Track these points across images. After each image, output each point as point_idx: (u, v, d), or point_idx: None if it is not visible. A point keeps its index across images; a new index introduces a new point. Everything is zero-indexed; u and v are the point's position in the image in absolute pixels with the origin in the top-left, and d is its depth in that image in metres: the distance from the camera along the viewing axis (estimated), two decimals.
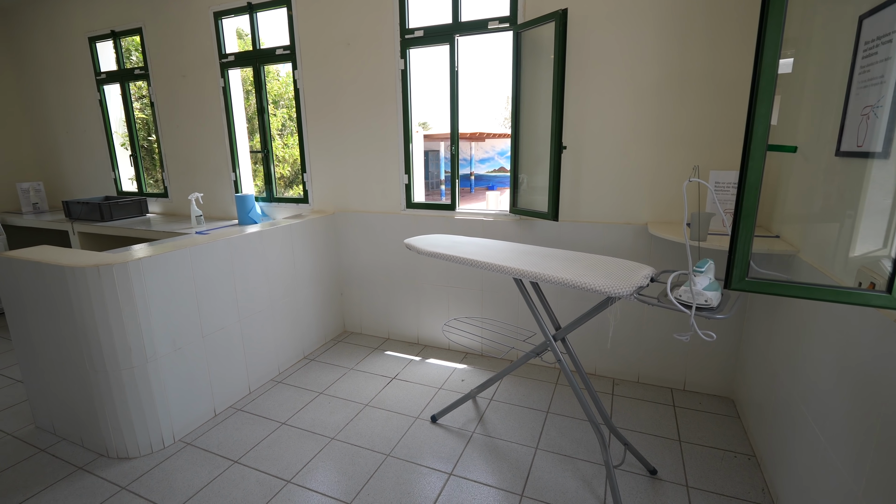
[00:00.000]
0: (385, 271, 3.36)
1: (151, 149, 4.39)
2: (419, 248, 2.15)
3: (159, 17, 3.73)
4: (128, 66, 4.10)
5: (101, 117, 4.32)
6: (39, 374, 2.37)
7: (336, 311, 3.55)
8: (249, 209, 3.46)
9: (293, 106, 4.47)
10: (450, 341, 3.27)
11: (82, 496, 2.02)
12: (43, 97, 4.65)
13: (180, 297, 2.34)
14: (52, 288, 2.11)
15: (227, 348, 2.64)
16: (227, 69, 3.58)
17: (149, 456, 2.26)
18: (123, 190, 4.49)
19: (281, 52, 3.36)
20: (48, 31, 4.37)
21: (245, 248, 2.71)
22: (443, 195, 10.91)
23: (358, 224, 3.37)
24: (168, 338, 2.29)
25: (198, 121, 3.80)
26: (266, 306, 2.88)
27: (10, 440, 2.42)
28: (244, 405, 2.67)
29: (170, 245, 2.43)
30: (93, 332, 2.08)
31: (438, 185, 11.49)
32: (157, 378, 2.26)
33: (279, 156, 4.69)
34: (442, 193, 11.11)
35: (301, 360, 3.21)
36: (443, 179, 11.56)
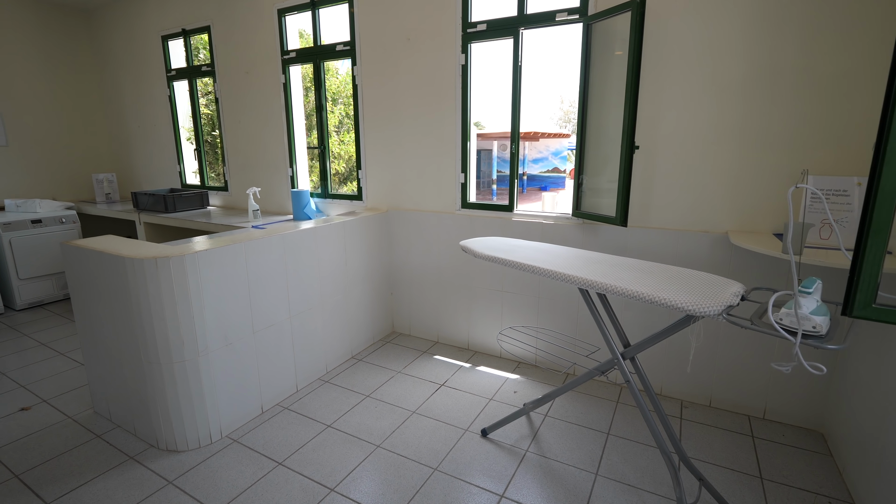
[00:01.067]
0: (437, 272, 3.26)
1: (214, 143, 4.53)
2: (476, 252, 2.01)
3: (226, 15, 3.81)
4: (196, 63, 4.24)
5: (169, 112, 4.49)
6: (99, 360, 2.43)
7: (385, 312, 3.48)
8: (304, 205, 3.45)
9: (350, 103, 4.42)
10: (502, 349, 3.11)
11: (131, 487, 2.03)
12: (119, 93, 4.91)
13: (233, 292, 2.33)
14: (112, 277, 2.15)
15: (277, 345, 2.62)
16: (288, 66, 3.60)
17: (196, 450, 2.26)
18: (187, 183, 4.65)
19: (341, 48, 3.33)
20: (126, 30, 4.59)
21: (298, 245, 2.68)
22: (494, 195, 10.68)
23: (411, 223, 3.28)
24: (220, 332, 2.28)
25: (258, 117, 3.85)
26: (317, 304, 2.84)
27: (70, 423, 2.50)
28: (291, 404, 2.64)
29: (225, 239, 2.43)
30: (148, 323, 2.09)
31: (489, 185, 11.28)
32: (208, 373, 2.26)
33: (335, 152, 4.71)
34: (493, 193, 10.88)
35: (349, 359, 3.16)
36: (494, 179, 11.33)
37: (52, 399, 2.74)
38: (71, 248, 2.31)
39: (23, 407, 2.66)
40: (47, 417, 2.55)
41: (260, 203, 3.97)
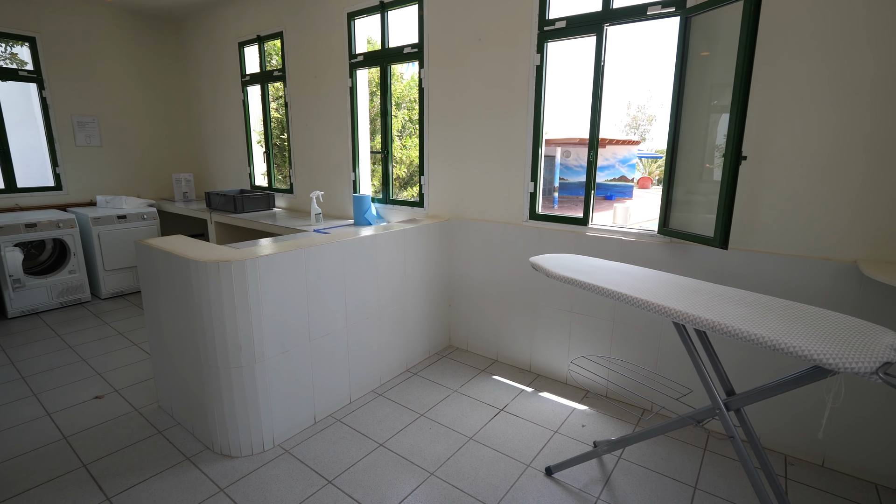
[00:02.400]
0: (499, 286, 3.06)
1: (283, 146, 4.62)
2: (549, 271, 1.80)
3: (298, 20, 3.85)
4: (268, 69, 4.33)
5: (242, 116, 4.63)
6: (163, 356, 2.46)
7: (443, 324, 3.33)
8: (365, 210, 3.39)
9: (414, 108, 4.34)
10: (568, 375, 2.85)
11: (185, 491, 2.00)
12: (199, 97, 5.16)
13: (291, 298, 2.27)
14: (177, 278, 2.15)
15: (333, 355, 2.54)
16: (355, 69, 3.56)
17: (249, 458, 2.21)
18: (256, 184, 4.77)
19: (409, 50, 3.23)
20: (208, 38, 4.81)
21: (357, 252, 2.59)
22: (555, 203, 10.25)
23: (474, 233, 3.11)
24: (277, 339, 2.23)
25: (324, 120, 3.85)
26: (374, 313, 2.74)
27: (136, 416, 2.55)
28: (344, 416, 2.55)
29: (285, 245, 2.38)
30: (209, 325, 2.07)
31: (551, 193, 10.86)
32: (263, 380, 2.20)
33: (397, 157, 4.65)
34: (555, 201, 10.45)
35: (404, 372, 3.03)
36: (556, 187, 10.89)
37: (122, 389, 2.83)
38: (143, 246, 2.36)
39: (97, 395, 2.77)
40: (117, 408, 2.63)
41: (322, 206, 3.97)
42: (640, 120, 20.30)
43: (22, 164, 4.38)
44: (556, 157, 11.25)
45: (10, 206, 4.31)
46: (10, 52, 4.67)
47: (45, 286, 4.06)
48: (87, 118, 4.64)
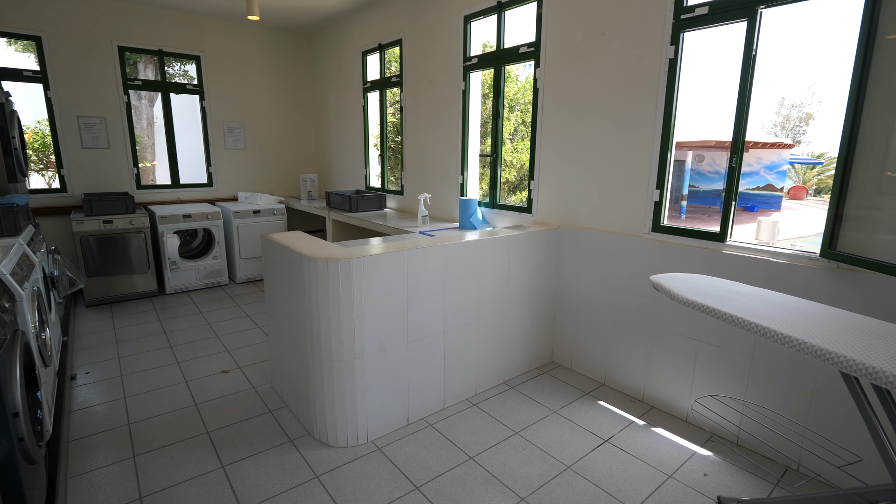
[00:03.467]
0: (611, 303, 2.79)
1: (397, 149, 4.78)
2: (674, 293, 1.55)
3: (417, 26, 3.95)
4: (387, 75, 4.52)
5: (361, 121, 4.90)
6: (278, 341, 2.65)
7: (545, 338, 3.14)
8: (471, 214, 3.34)
9: (527, 110, 4.18)
10: (690, 412, 2.49)
11: (285, 471, 2.11)
12: (325, 104, 5.58)
13: (392, 299, 2.29)
14: (293, 270, 2.28)
15: (429, 358, 2.51)
16: (469, 72, 3.54)
17: (343, 449, 2.27)
18: (370, 185, 5.02)
19: (524, 49, 3.11)
20: (336, 48, 5.18)
21: (460, 256, 2.53)
22: (682, 213, 9.18)
23: (586, 243, 2.88)
24: (376, 338, 2.26)
25: (436, 124, 3.89)
26: (472, 320, 2.67)
27: (252, 394, 2.78)
28: (436, 421, 2.51)
29: (389, 245, 2.41)
30: (316, 318, 2.16)
31: (678, 202, 9.75)
32: (362, 376, 2.24)
33: (507, 160, 4.54)
34: (682, 211, 9.37)
35: (500, 384, 2.91)
36: (685, 195, 9.77)
37: (244, 367, 3.12)
38: (267, 239, 2.56)
39: (224, 370, 3.09)
40: (238, 383, 2.90)
41: (429, 209, 4.02)
42: (794, 120, 17.53)
43: (185, 163, 5.12)
44: (686, 162, 10.15)
45: (173, 199, 5.06)
46: (183, 70, 5.50)
47: (193, 269, 4.69)
48: (235, 124, 5.29)
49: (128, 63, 4.66)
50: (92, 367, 3.10)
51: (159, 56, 4.77)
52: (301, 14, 4.80)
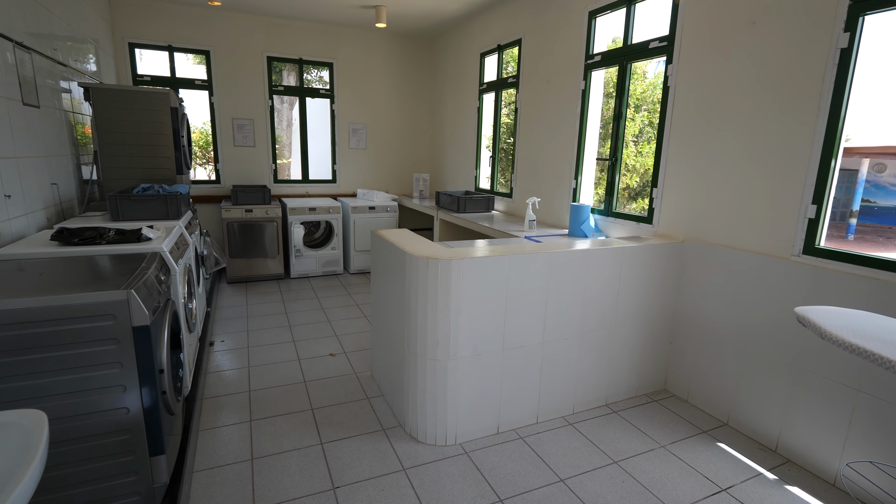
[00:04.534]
0: (743, 332, 2.42)
1: (508, 151, 4.71)
2: (827, 331, 1.28)
3: (538, 25, 3.84)
4: (504, 76, 4.48)
5: (475, 122, 4.92)
6: (379, 332, 2.75)
7: (658, 363, 2.84)
8: (583, 221, 3.15)
9: (656, 109, 3.87)
10: (839, 476, 2.06)
11: (375, 459, 2.18)
12: (441, 105, 5.72)
13: (490, 304, 2.23)
14: (396, 267, 2.35)
15: (524, 368, 2.41)
16: (591, 70, 3.34)
17: (432, 447, 2.28)
18: (479, 187, 5.02)
19: (656, 44, 2.84)
20: (455, 51, 5.27)
21: (565, 266, 2.39)
22: (850, 232, 7.60)
23: (715, 261, 2.54)
24: (471, 341, 2.23)
25: (551, 125, 3.75)
26: (574, 334, 2.51)
27: (353, 379, 2.93)
28: (527, 435, 2.40)
29: (493, 249, 2.36)
30: (413, 315, 2.19)
31: (845, 219, 8.05)
32: (455, 378, 2.23)
33: (628, 164, 4.22)
34: (850, 230, 7.75)
35: (601, 407, 2.70)
36: (855, 211, 8.03)
37: (349, 353, 3.31)
38: (375, 235, 2.67)
39: (331, 353, 3.31)
40: (342, 367, 3.09)
41: (538, 213, 3.89)
42: None
43: (314, 161, 5.63)
44: (860, 172, 8.46)
45: (302, 193, 5.58)
46: (319, 76, 6.04)
47: (314, 257, 5.12)
48: (358, 125, 5.67)
49: (274, 71, 5.25)
50: (227, 337, 3.54)
51: (299, 64, 5.30)
52: (424, 19, 4.97)
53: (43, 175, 2.68)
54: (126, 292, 1.58)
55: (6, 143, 2.26)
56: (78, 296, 1.53)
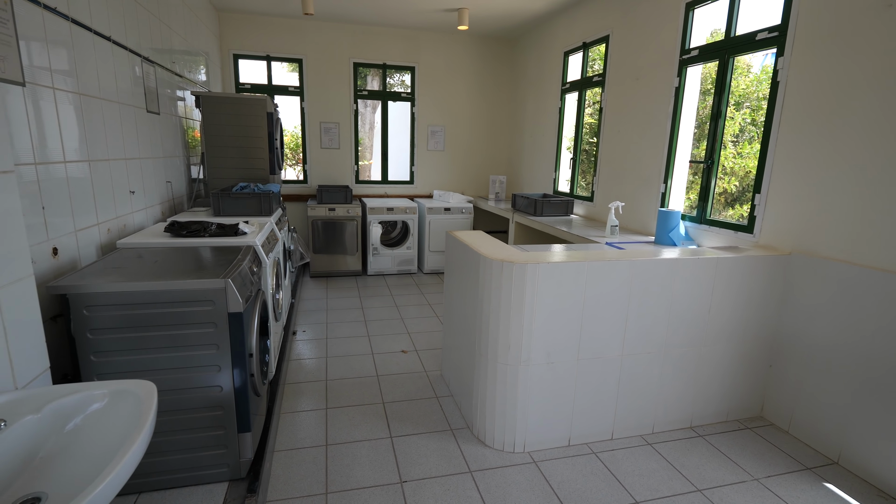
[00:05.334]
0: (861, 359, 2.12)
1: (590, 152, 4.53)
2: None
3: (628, 20, 3.65)
4: (588, 75, 4.31)
5: (556, 123, 4.79)
6: (450, 333, 2.76)
7: (754, 387, 2.57)
8: (671, 228, 2.93)
9: (761, 107, 3.52)
10: None
11: (441, 458, 2.19)
12: (521, 107, 5.64)
13: (566, 311, 2.15)
14: (470, 268, 2.34)
15: (601, 381, 2.29)
16: (686, 66, 3.11)
17: (499, 453, 2.24)
18: (558, 190, 4.88)
19: (764, 35, 2.57)
20: (537, 51, 5.17)
21: (650, 275, 2.24)
22: None
23: (830, 278, 2.24)
24: (544, 348, 2.16)
25: (639, 125, 3.54)
26: (657, 349, 2.34)
27: (423, 377, 2.97)
28: (601, 451, 2.28)
29: (571, 254, 2.27)
30: (486, 318, 2.17)
31: None
32: (526, 384, 2.18)
33: (725, 167, 3.87)
34: None
35: (685, 429, 2.49)
36: None
37: (421, 351, 3.36)
38: (451, 236, 2.69)
39: (403, 349, 3.39)
40: (413, 364, 3.14)
41: (621, 219, 3.69)
42: None
43: (394, 162, 5.80)
44: None
45: (381, 193, 5.78)
46: (401, 80, 6.22)
47: (390, 256, 5.28)
48: (437, 128, 5.76)
49: (359, 76, 5.49)
50: (308, 327, 3.75)
51: (382, 69, 5.50)
52: (506, 20, 4.93)
53: (160, 174, 3.01)
54: (224, 281, 1.72)
55: (133, 146, 2.57)
56: (184, 282, 1.69)
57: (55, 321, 1.71)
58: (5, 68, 1.54)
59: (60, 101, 1.88)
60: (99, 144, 2.19)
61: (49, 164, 1.79)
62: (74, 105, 1.98)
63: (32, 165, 1.69)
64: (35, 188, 1.70)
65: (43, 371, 1.36)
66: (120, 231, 2.39)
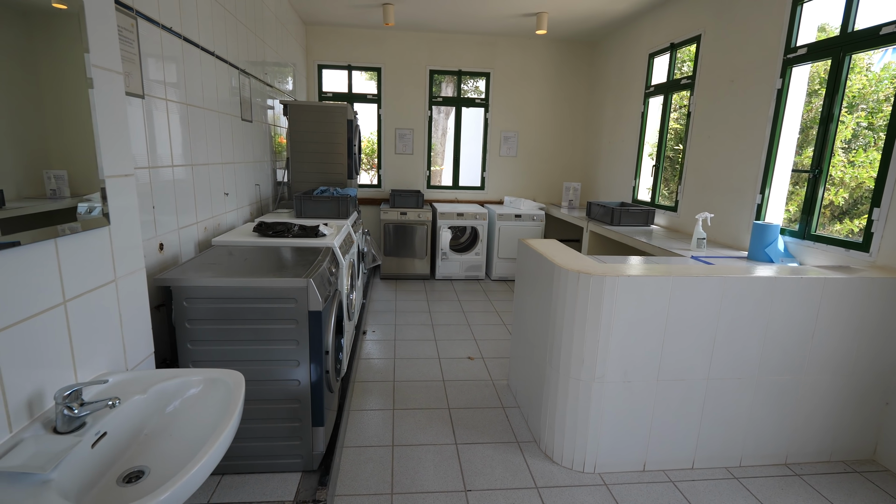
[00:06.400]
0: None
1: (675, 160, 4.27)
2: None
3: (722, 19, 3.39)
4: (675, 77, 4.06)
5: (638, 128, 4.56)
6: (519, 343, 2.71)
7: (865, 426, 2.27)
8: (768, 243, 2.67)
9: (880, 109, 3.15)
10: None
11: (507, 470, 2.14)
12: (599, 112, 5.43)
13: (646, 328, 2.02)
14: (543, 278, 2.28)
15: (682, 405, 2.13)
16: (790, 67, 2.83)
17: (567, 471, 2.15)
18: (637, 198, 4.64)
19: (889, 30, 2.27)
20: (619, 54, 4.96)
21: (744, 294, 2.05)
22: None
23: None
24: (620, 365, 2.04)
25: (732, 131, 3.28)
26: (750, 375, 2.13)
27: (489, 386, 2.93)
28: (679, 480, 2.11)
29: (654, 268, 2.13)
30: (558, 331, 2.10)
31: None
32: (598, 402, 2.07)
33: (835, 177, 3.47)
34: None
35: (778, 465, 2.25)
36: None
37: (487, 359, 3.33)
38: (523, 244, 2.64)
39: (469, 356, 3.37)
40: (479, 372, 3.12)
41: (708, 231, 3.43)
42: None
43: (465, 168, 5.83)
44: None
45: (451, 198, 5.82)
46: (475, 86, 6.25)
47: (458, 261, 5.29)
48: (510, 133, 5.71)
49: (434, 83, 5.58)
50: (377, 328, 3.85)
51: (458, 75, 5.55)
52: (586, 22, 4.79)
53: (250, 177, 3.24)
54: (306, 280, 1.80)
55: (228, 151, 2.79)
56: (271, 280, 1.80)
57: (158, 310, 1.89)
58: (129, 83, 1.72)
59: (171, 111, 2.08)
60: (200, 150, 2.40)
61: (159, 168, 1.99)
62: (181, 115, 2.19)
63: (146, 169, 1.88)
64: (147, 189, 1.89)
65: (148, 355, 1.49)
66: (214, 229, 2.60)
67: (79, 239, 1.17)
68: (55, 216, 1.09)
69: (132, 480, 1.05)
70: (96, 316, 1.24)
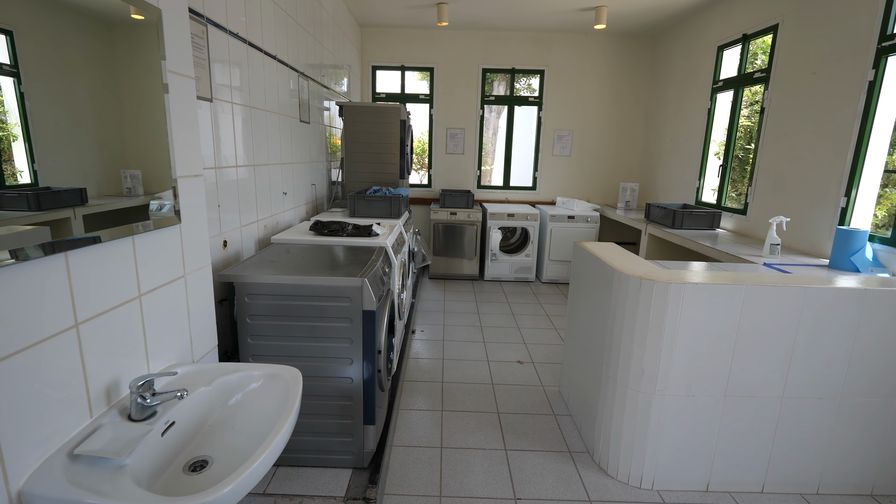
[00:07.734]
0: None
1: (745, 160, 3.99)
2: None
3: (802, 5, 3.12)
4: (748, 71, 3.78)
5: (704, 126, 4.30)
6: (573, 349, 2.61)
7: None
8: (855, 250, 2.43)
9: None
10: None
11: (559, 481, 2.07)
12: (661, 108, 5.17)
13: (714, 339, 1.89)
14: (601, 283, 2.18)
15: (752, 423, 1.97)
16: (886, 55, 2.55)
17: (623, 486, 2.05)
18: (702, 200, 4.38)
19: None
20: (683, 47, 4.69)
21: (826, 306, 1.86)
22: None
23: None
24: (684, 378, 1.92)
25: (814, 127, 3.01)
26: (832, 395, 1.94)
27: (540, 391, 2.86)
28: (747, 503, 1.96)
29: (722, 275, 1.99)
30: (618, 338, 2.00)
31: None
32: (659, 415, 1.96)
33: None
34: None
35: (863, 496, 2.04)
36: None
37: (538, 363, 3.25)
38: (579, 247, 2.54)
39: (519, 360, 3.31)
40: (529, 377, 3.05)
41: (783, 236, 3.17)
42: None
43: (516, 167, 5.74)
44: None
45: (502, 199, 5.75)
46: (528, 84, 6.14)
47: (508, 262, 5.22)
48: (564, 132, 5.55)
49: (486, 82, 5.53)
50: (426, 328, 3.86)
51: (511, 73, 5.47)
52: (648, 15, 4.57)
53: (307, 177, 3.34)
54: (361, 280, 1.82)
55: (287, 152, 2.88)
56: (327, 278, 1.83)
57: (221, 305, 1.97)
58: (199, 87, 1.81)
59: (235, 113, 2.17)
60: (261, 151, 2.49)
61: (224, 168, 2.07)
62: (244, 117, 2.27)
63: (213, 169, 1.97)
64: (213, 188, 1.98)
65: (212, 349, 1.56)
66: (273, 227, 2.69)
67: (154, 236, 1.23)
68: (130, 213, 1.15)
69: (197, 469, 1.09)
70: (167, 309, 1.30)
